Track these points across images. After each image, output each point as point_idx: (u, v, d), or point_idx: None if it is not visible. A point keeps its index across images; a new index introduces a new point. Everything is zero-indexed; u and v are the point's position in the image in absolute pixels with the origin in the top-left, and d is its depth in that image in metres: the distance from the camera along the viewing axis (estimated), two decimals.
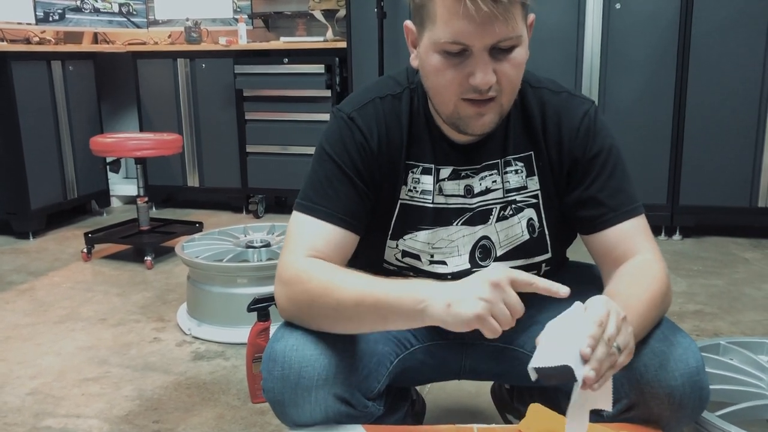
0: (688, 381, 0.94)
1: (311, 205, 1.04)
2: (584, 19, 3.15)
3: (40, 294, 2.65)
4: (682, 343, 0.97)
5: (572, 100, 1.09)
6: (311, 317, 0.98)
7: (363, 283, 0.95)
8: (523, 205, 1.11)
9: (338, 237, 1.03)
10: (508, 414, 1.49)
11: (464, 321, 0.86)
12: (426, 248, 1.11)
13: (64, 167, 3.68)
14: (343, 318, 0.95)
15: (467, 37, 0.92)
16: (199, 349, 2.11)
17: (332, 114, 1.11)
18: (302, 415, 0.97)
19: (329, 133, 1.09)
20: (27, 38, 3.74)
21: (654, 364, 0.96)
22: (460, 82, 0.96)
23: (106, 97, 4.23)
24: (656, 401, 0.96)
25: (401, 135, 1.08)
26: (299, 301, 0.98)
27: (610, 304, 0.85)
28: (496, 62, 0.94)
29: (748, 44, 3.00)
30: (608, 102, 3.20)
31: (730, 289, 2.55)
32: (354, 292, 0.93)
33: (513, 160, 1.10)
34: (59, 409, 1.76)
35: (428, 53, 0.97)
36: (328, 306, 0.95)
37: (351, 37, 3.50)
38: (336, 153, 1.06)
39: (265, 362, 0.99)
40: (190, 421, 1.68)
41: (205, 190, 4.02)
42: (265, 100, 3.77)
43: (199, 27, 4.01)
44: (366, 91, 1.11)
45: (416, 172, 1.09)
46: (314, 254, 1.01)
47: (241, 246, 2.40)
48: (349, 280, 0.96)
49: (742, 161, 3.10)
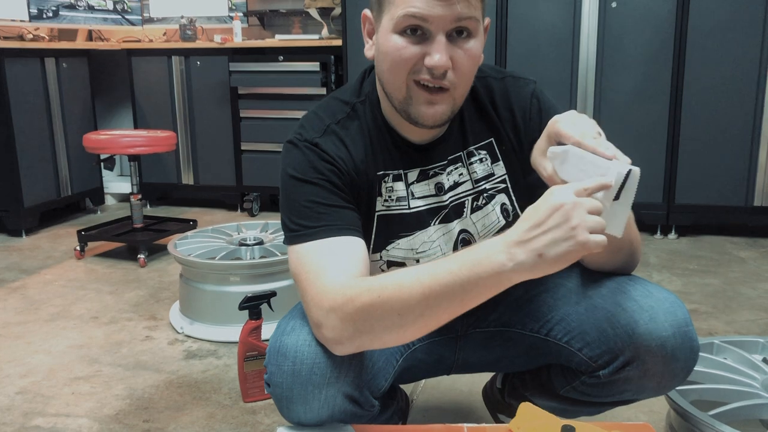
0: (678, 331, 0.97)
1: (310, 231, 0.97)
2: (580, 17, 3.14)
3: (32, 292, 2.63)
4: (668, 298, 1.00)
5: (516, 83, 1.11)
6: (373, 331, 0.89)
7: (417, 275, 0.86)
8: (494, 192, 1.12)
9: (355, 246, 0.97)
10: (500, 414, 1.48)
11: (571, 260, 0.81)
12: (410, 254, 1.11)
13: (57, 165, 3.66)
14: (411, 317, 0.86)
15: (426, 11, 0.91)
16: (191, 347, 2.10)
17: (290, 145, 1.04)
18: (309, 412, 0.95)
19: (294, 162, 1.02)
20: (20, 35, 3.72)
21: (644, 318, 0.98)
22: (416, 61, 0.95)
23: (100, 94, 4.22)
24: (650, 355, 0.98)
25: (365, 150, 1.06)
26: (356, 320, 0.88)
27: None
28: (453, 48, 0.94)
29: (744, 43, 2.99)
30: (604, 101, 3.19)
31: (726, 288, 2.54)
32: (415, 286, 0.85)
33: (475, 150, 1.11)
34: (49, 408, 1.74)
35: (387, 36, 0.97)
36: (393, 311, 0.86)
37: (346, 35, 3.49)
38: (309, 176, 1.00)
39: (274, 356, 0.95)
40: (181, 420, 1.66)
41: (200, 187, 4.01)
42: (260, 98, 3.76)
43: (194, 24, 4.00)
44: (317, 118, 1.07)
45: (388, 180, 1.08)
46: (345, 273, 0.92)
47: (234, 244, 2.38)
48: (400, 279, 0.87)
49: (738, 160, 3.10)
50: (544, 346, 1.14)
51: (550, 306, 1.13)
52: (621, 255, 1.04)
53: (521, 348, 1.18)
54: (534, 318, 1.15)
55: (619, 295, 1.03)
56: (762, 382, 1.25)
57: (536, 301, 1.15)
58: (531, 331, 1.15)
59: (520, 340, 1.17)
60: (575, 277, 1.12)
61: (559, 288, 1.13)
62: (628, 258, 1.05)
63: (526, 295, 1.17)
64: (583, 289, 1.09)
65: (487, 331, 1.21)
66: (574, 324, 1.08)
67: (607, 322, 1.02)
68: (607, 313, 1.03)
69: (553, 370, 1.17)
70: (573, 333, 1.08)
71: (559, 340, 1.10)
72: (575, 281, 1.12)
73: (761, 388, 1.23)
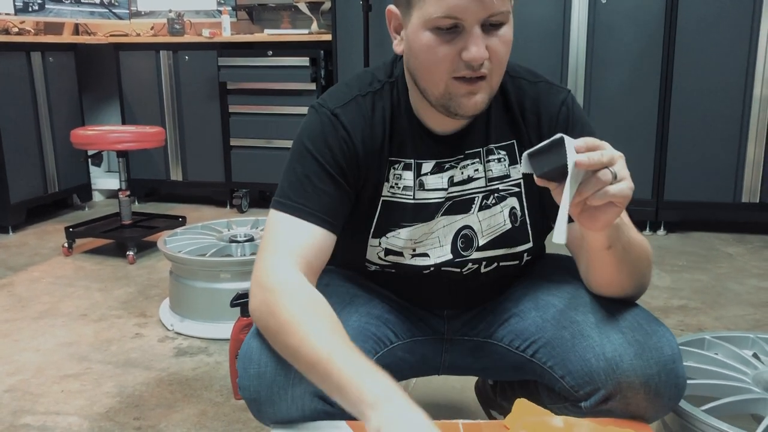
0: (663, 369, 0.95)
1: (291, 203, 1.01)
2: (570, 13, 3.15)
3: (19, 289, 2.61)
4: (657, 332, 0.98)
5: (550, 90, 1.09)
6: (272, 340, 0.95)
7: (329, 346, 0.87)
8: (505, 194, 1.10)
9: (319, 238, 1.00)
10: (492, 410, 1.48)
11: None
12: (408, 244, 1.10)
13: (44, 160, 3.62)
14: (296, 363, 0.91)
15: (461, 11, 0.90)
16: (181, 345, 2.09)
17: (313, 110, 1.07)
18: (279, 413, 0.96)
19: (310, 129, 1.05)
20: (6, 29, 3.67)
21: (629, 353, 0.96)
22: (452, 59, 0.94)
23: (87, 89, 4.17)
24: (632, 391, 0.96)
25: (383, 132, 1.06)
26: (267, 322, 0.94)
27: (606, 143, 0.86)
28: (488, 38, 0.93)
29: (733, 39, 3.01)
30: (594, 96, 3.20)
31: (714, 284, 2.56)
32: (316, 350, 0.87)
33: (495, 149, 1.09)
34: (38, 406, 1.72)
35: (418, 33, 0.95)
36: (289, 345, 0.91)
37: (336, 29, 3.47)
38: (318, 150, 1.03)
39: (241, 360, 0.97)
40: (172, 418, 1.65)
41: (189, 184, 3.98)
42: (249, 93, 3.74)
43: (182, 19, 3.96)
44: (347, 87, 1.08)
45: (398, 168, 1.07)
46: (296, 260, 0.97)
47: (225, 240, 2.37)
48: (318, 333, 0.89)
49: (726, 157, 3.12)
50: (529, 365, 1.12)
51: (538, 326, 1.10)
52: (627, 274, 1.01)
53: (507, 363, 1.16)
54: (520, 336, 1.13)
55: (607, 325, 1.01)
56: (753, 377, 1.26)
57: (525, 319, 1.13)
58: (516, 349, 1.13)
59: (506, 356, 1.16)
60: (567, 298, 1.10)
61: (549, 308, 1.10)
62: (635, 289, 1.04)
63: (516, 309, 1.15)
64: (573, 314, 1.06)
65: (474, 341, 1.19)
66: (558, 350, 1.05)
67: (592, 352, 1.00)
68: (593, 342, 1.00)
69: (540, 386, 1.16)
70: (556, 359, 1.05)
71: (543, 363, 1.08)
72: (566, 303, 1.09)
73: (752, 383, 1.23)
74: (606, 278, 1.02)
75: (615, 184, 0.83)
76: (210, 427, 1.61)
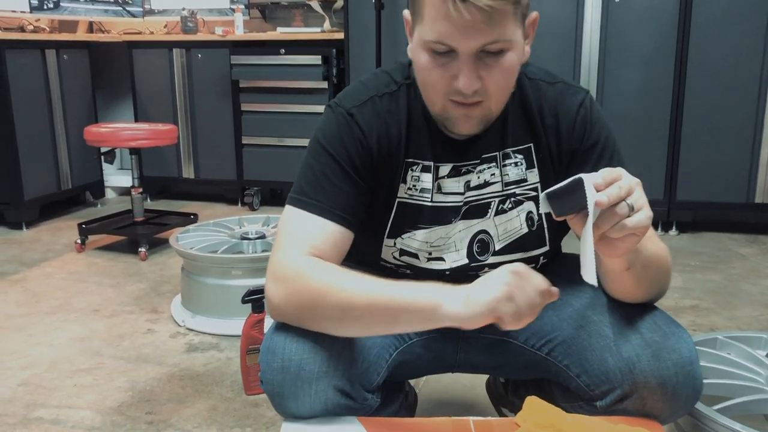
0: (681, 371, 0.95)
1: (306, 200, 1.01)
2: (583, 12, 3.14)
3: (33, 285, 2.63)
4: (676, 333, 0.98)
5: (568, 91, 1.08)
6: (313, 317, 0.94)
7: (373, 283, 0.92)
8: (522, 198, 1.09)
9: (335, 234, 1.00)
10: (503, 407, 1.48)
11: (485, 305, 0.85)
12: (424, 247, 1.10)
13: (58, 157, 3.65)
14: (349, 318, 0.92)
15: (451, 39, 0.90)
16: (192, 340, 2.10)
17: (329, 109, 1.07)
18: (302, 407, 0.96)
19: (326, 128, 1.05)
20: (21, 26, 3.70)
21: (647, 354, 0.96)
22: (447, 83, 0.94)
23: (100, 86, 4.20)
24: (649, 391, 0.96)
25: (400, 133, 1.06)
26: (300, 300, 0.93)
27: (623, 171, 0.85)
28: (484, 67, 0.92)
29: (747, 39, 2.99)
30: (606, 96, 3.19)
31: (727, 285, 2.54)
32: (364, 291, 0.91)
33: (512, 153, 1.08)
34: (51, 400, 1.74)
35: (417, 49, 0.96)
36: (336, 306, 0.91)
37: (348, 28, 3.47)
38: (334, 148, 1.03)
39: (264, 354, 0.97)
40: (183, 413, 1.66)
41: (201, 181, 4.00)
42: (261, 92, 3.75)
43: (195, 17, 3.98)
44: (363, 87, 1.08)
45: (416, 170, 1.07)
46: (311, 252, 0.97)
47: (236, 237, 2.38)
48: (357, 280, 0.93)
49: (739, 157, 3.09)
50: (544, 364, 1.12)
51: (554, 325, 1.10)
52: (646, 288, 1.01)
53: (522, 361, 1.16)
54: (537, 335, 1.12)
55: (625, 326, 1.01)
56: (766, 378, 1.25)
57: (542, 317, 1.12)
58: (532, 347, 1.13)
59: (521, 354, 1.15)
60: (585, 298, 1.10)
61: (566, 308, 1.10)
62: (654, 297, 1.04)
63: None
64: (591, 313, 1.06)
65: (490, 338, 1.18)
66: (574, 348, 1.06)
67: (609, 352, 1.00)
68: (610, 342, 1.00)
69: (554, 385, 1.16)
70: (573, 357, 1.06)
71: (559, 361, 1.08)
72: (584, 303, 1.09)
73: (765, 383, 1.23)
74: (624, 292, 1.02)
75: (632, 216, 0.82)
76: (221, 422, 1.62)
